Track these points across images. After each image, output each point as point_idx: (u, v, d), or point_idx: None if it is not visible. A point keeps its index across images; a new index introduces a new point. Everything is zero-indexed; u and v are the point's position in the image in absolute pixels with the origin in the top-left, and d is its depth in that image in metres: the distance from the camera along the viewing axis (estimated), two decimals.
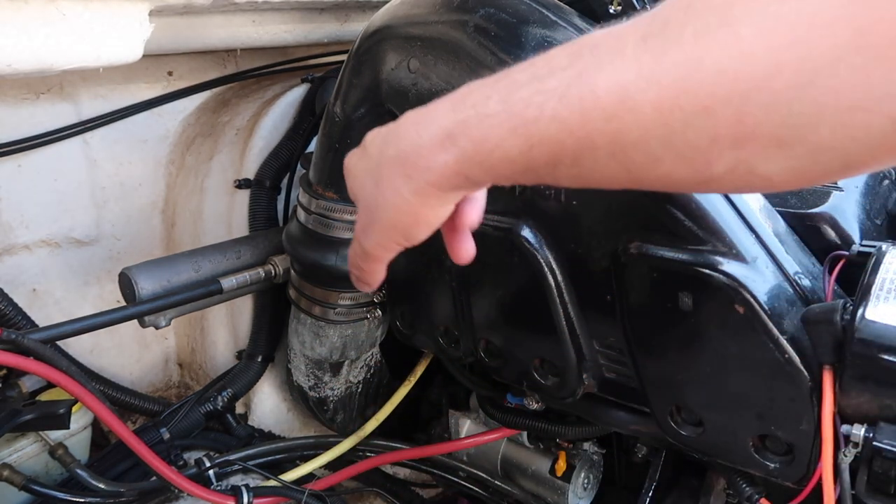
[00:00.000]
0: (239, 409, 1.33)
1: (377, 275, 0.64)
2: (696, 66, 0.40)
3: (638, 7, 0.79)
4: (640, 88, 0.42)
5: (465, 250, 0.64)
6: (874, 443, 0.56)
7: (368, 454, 1.19)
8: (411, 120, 0.55)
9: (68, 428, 0.94)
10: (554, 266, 0.75)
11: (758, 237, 0.65)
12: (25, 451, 1.04)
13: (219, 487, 1.09)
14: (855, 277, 0.63)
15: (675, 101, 0.41)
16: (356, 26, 1.31)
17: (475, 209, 0.60)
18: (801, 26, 0.37)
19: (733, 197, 0.66)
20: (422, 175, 0.52)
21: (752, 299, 0.62)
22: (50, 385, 1.01)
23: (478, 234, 0.62)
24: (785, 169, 0.41)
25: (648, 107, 0.41)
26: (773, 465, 0.67)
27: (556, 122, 0.45)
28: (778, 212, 0.70)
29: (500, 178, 0.52)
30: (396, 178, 0.54)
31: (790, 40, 0.37)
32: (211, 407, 1.24)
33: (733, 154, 0.41)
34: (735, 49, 0.38)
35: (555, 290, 0.76)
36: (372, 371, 1.18)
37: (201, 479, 1.07)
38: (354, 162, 0.61)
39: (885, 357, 0.56)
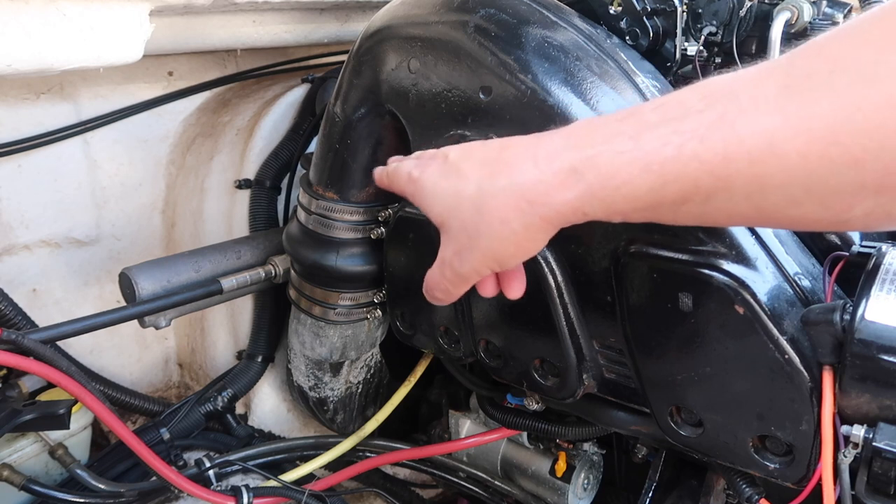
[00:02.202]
0: (239, 409, 1.33)
1: (460, 295, 0.66)
2: (847, 119, 0.41)
3: (638, 7, 0.79)
4: (787, 136, 0.43)
5: (521, 287, 0.68)
6: (874, 443, 0.56)
7: (368, 454, 1.19)
8: (522, 152, 0.56)
9: (68, 428, 0.94)
10: (554, 266, 0.75)
11: (758, 238, 0.65)
12: (25, 451, 1.04)
13: (219, 488, 1.09)
14: (855, 278, 0.63)
15: (825, 151, 0.42)
16: (356, 27, 1.31)
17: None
18: None
19: None
20: (537, 210, 0.53)
21: (752, 300, 0.62)
22: (50, 385, 1.01)
23: None
24: None
25: (795, 154, 0.43)
26: (772, 466, 0.67)
27: (695, 162, 0.47)
28: None
29: (614, 215, 0.53)
30: (506, 210, 0.55)
31: None
32: (211, 407, 1.24)
33: (874, 200, 0.43)
34: (886, 105, 0.40)
35: (555, 291, 0.75)
36: (372, 371, 1.18)
37: (201, 480, 1.07)
38: (437, 181, 0.61)
39: (885, 357, 0.56)
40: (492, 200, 0.55)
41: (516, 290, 0.69)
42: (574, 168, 0.52)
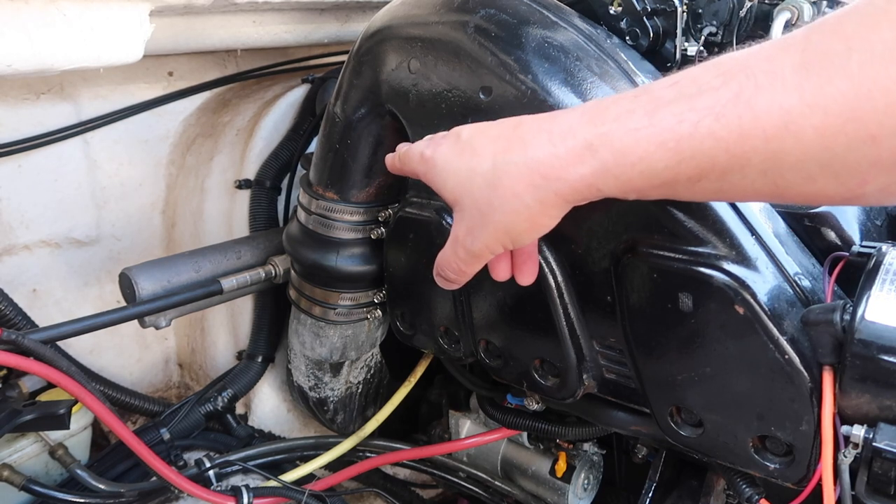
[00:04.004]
0: (239, 409, 1.33)
1: (472, 275, 0.66)
2: (865, 96, 0.42)
3: (638, 8, 0.79)
4: (803, 114, 0.44)
5: (534, 272, 0.69)
6: (874, 444, 0.56)
7: (368, 455, 1.19)
8: (537, 128, 0.56)
9: (68, 428, 0.94)
10: (554, 267, 0.75)
11: (758, 238, 0.65)
12: (25, 452, 1.04)
13: (219, 488, 1.09)
14: (855, 278, 0.63)
15: (841, 128, 0.43)
16: (356, 27, 1.31)
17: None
18: None
19: None
20: (552, 185, 0.54)
21: (752, 300, 0.62)
22: (50, 385, 1.01)
23: None
24: None
25: (811, 131, 0.44)
26: (773, 466, 0.67)
27: (711, 139, 0.47)
28: (778, 212, 0.70)
29: (629, 192, 0.53)
30: (520, 185, 0.55)
31: None
32: (211, 407, 1.24)
33: (889, 176, 0.44)
34: None
35: (555, 291, 0.76)
36: (372, 371, 1.18)
37: (201, 480, 1.07)
38: (451, 158, 0.61)
39: (885, 358, 0.56)
40: (505, 176, 0.56)
41: (529, 274, 0.69)
42: (589, 144, 0.52)
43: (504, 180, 0.56)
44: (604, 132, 0.51)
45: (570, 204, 0.55)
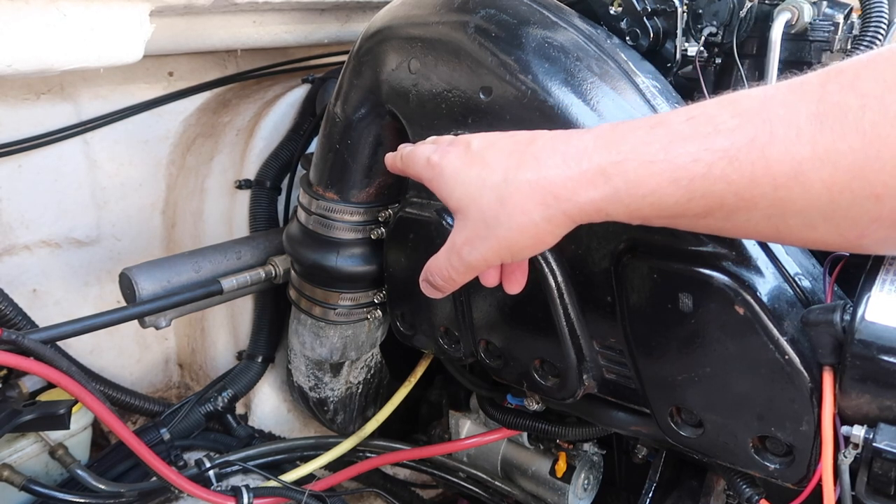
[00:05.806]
0: (239, 409, 1.33)
1: (460, 285, 0.65)
2: (874, 156, 0.43)
3: (638, 8, 0.79)
4: (814, 166, 0.45)
5: (522, 282, 0.69)
6: (874, 444, 0.56)
7: (368, 455, 1.19)
8: (551, 147, 0.56)
9: (68, 428, 0.94)
10: (554, 267, 0.75)
11: None
12: (25, 452, 1.04)
13: (219, 488, 1.09)
14: (855, 278, 0.63)
15: (848, 183, 0.44)
16: (357, 27, 1.31)
17: None
18: None
19: None
20: (561, 205, 0.54)
21: (752, 300, 0.62)
22: (50, 385, 1.01)
23: None
24: None
25: (819, 184, 0.45)
26: (773, 467, 0.67)
27: (723, 182, 0.48)
28: None
29: (635, 219, 0.54)
30: (530, 202, 0.55)
31: None
32: (211, 407, 1.24)
33: (887, 232, 0.45)
34: None
35: (555, 291, 0.76)
36: (372, 372, 1.18)
37: (201, 480, 1.07)
38: (460, 168, 0.61)
39: (885, 358, 0.56)
40: (516, 191, 0.56)
41: (517, 284, 0.69)
42: (603, 170, 0.53)
43: (515, 195, 0.56)
44: (619, 161, 0.52)
45: (575, 223, 0.56)
